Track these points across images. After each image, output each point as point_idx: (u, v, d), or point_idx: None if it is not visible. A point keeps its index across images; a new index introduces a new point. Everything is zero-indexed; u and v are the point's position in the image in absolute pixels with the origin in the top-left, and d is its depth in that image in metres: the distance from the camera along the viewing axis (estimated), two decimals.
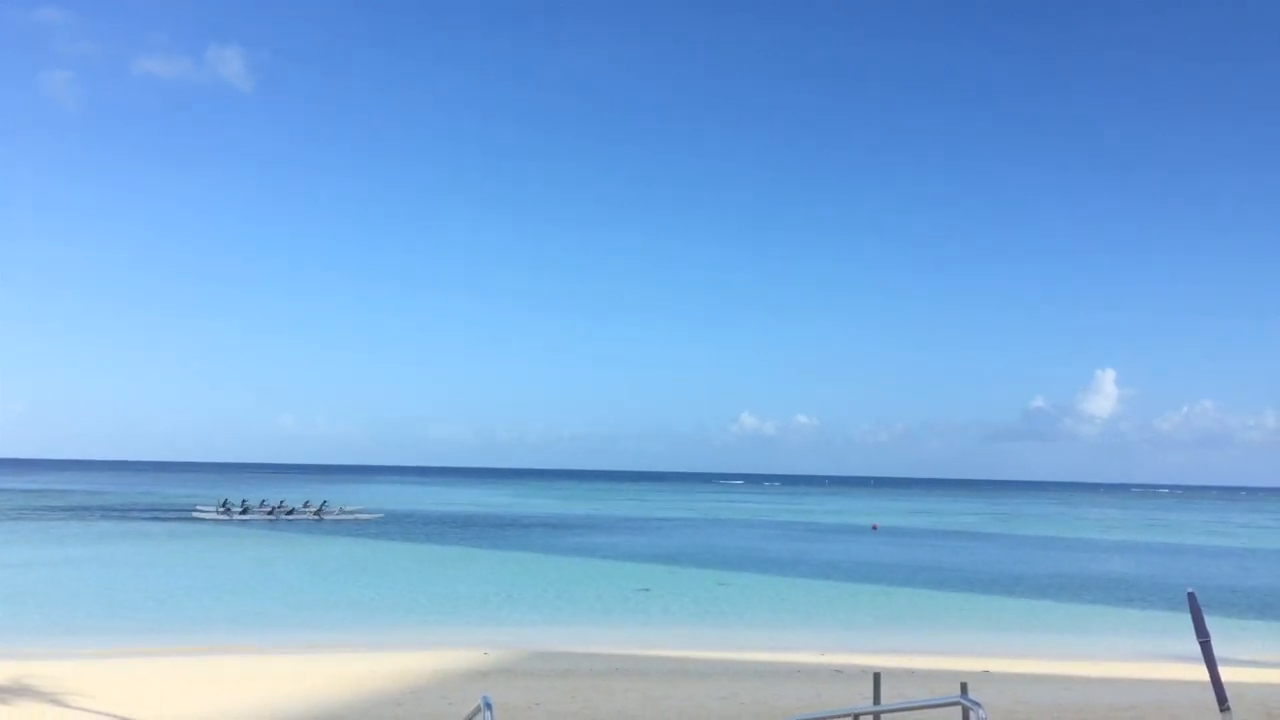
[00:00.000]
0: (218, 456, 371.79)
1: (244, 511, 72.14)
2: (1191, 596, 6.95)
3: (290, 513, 72.26)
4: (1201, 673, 7.08)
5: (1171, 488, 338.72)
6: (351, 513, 75.07)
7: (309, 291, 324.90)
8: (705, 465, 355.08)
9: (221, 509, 73.20)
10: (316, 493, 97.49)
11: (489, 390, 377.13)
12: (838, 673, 20.09)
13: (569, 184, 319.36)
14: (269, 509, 73.02)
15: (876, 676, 11.27)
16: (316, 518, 71.50)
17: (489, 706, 7.19)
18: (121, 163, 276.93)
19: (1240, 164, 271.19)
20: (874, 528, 79.63)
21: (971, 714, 7.31)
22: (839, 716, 11.61)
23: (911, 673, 19.66)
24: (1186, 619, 7.12)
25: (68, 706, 15.44)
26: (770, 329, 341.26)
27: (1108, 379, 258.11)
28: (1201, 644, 6.73)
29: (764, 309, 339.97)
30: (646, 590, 36.24)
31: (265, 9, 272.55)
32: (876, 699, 11.03)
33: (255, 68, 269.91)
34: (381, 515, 76.35)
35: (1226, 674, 7.02)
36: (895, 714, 10.55)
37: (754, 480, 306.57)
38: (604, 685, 18.01)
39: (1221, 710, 6.61)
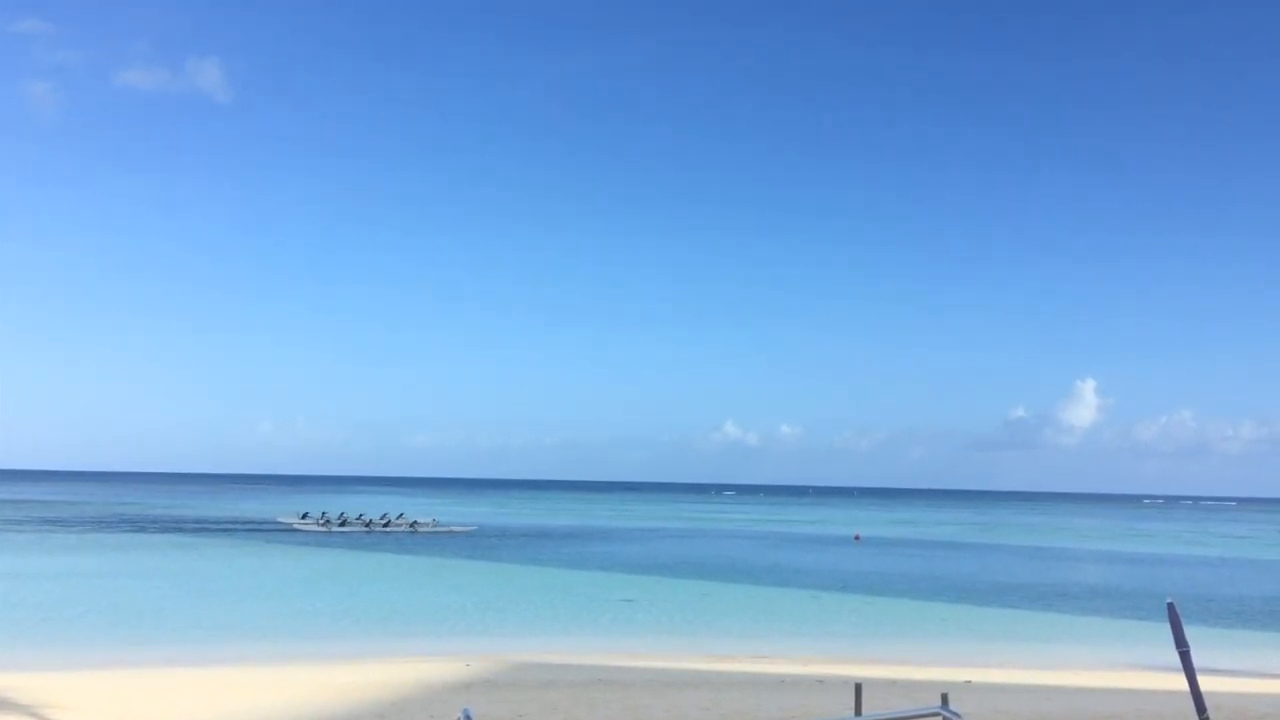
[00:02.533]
0: (195, 466, 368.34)
1: (342, 524, 73.51)
2: (1171, 607, 7.00)
3: (386, 525, 73.46)
4: (1181, 682, 7.13)
5: (1151, 497, 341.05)
6: (445, 526, 76.19)
7: (289, 299, 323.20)
8: (688, 475, 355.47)
9: (320, 522, 74.68)
10: (296, 503, 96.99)
11: (471, 399, 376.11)
12: (820, 683, 20.11)
13: (552, 191, 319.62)
14: (365, 521, 74.33)
15: (858, 687, 11.27)
16: (411, 530, 72.44)
17: (469, 718, 7.17)
18: (100, 171, 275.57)
19: (1223, 172, 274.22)
20: (856, 538, 79.79)
21: None
22: None
23: (894, 683, 19.69)
24: (1166, 629, 7.17)
25: None
26: (754, 338, 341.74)
27: (1088, 389, 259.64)
28: (1181, 654, 6.78)
29: (748, 317, 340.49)
30: (629, 600, 36.19)
31: (245, 22, 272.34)
32: (858, 709, 11.03)
33: (234, 79, 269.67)
34: (474, 528, 77.15)
35: (1205, 683, 7.07)
36: None
37: (736, 490, 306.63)
38: (586, 696, 17.96)
39: None
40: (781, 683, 20.22)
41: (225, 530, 72.51)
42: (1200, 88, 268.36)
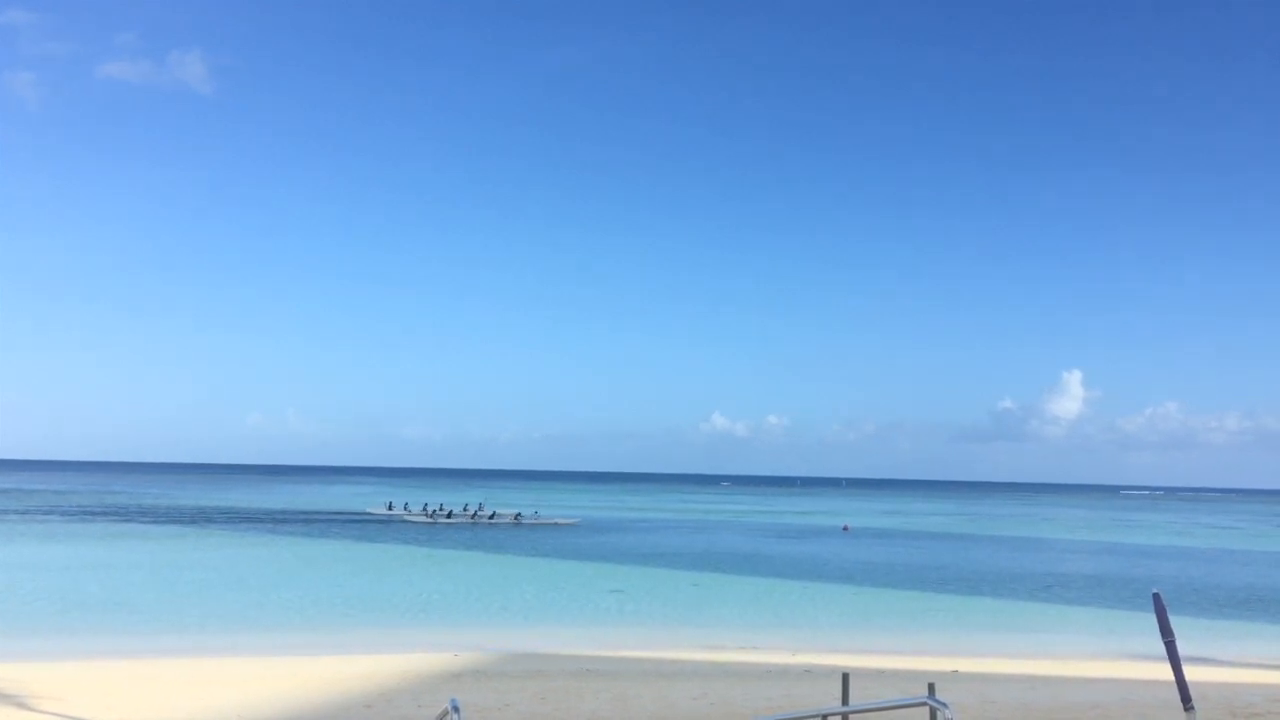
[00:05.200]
0: (183, 457, 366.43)
1: (448, 516, 75.29)
2: (1156, 597, 7.01)
3: (491, 517, 75.37)
4: (1166, 672, 7.15)
5: (1137, 488, 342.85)
6: (550, 519, 77.54)
7: (278, 290, 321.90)
8: (677, 466, 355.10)
9: (427, 514, 76.88)
10: (289, 493, 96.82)
11: (461, 390, 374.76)
12: (808, 673, 20.17)
13: (543, 184, 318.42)
14: (471, 513, 76.33)
15: (845, 677, 11.31)
16: (516, 522, 73.88)
17: (456, 709, 7.17)
18: (84, 162, 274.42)
19: (1207, 167, 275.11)
20: (845, 528, 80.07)
21: (938, 714, 7.35)
22: (808, 717, 11.64)
23: (881, 673, 19.76)
24: (1152, 619, 7.18)
25: (34, 710, 15.23)
26: (741, 329, 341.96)
27: (1074, 380, 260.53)
28: (1166, 643, 6.79)
29: (735, 309, 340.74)
30: (619, 591, 36.22)
31: (228, 15, 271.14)
32: (845, 699, 11.07)
33: (217, 72, 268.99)
34: (578, 520, 78.33)
35: (1190, 673, 7.09)
36: (863, 714, 10.59)
37: (719, 480, 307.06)
38: (575, 686, 17.98)
39: (1186, 709, 6.68)
40: (769, 672, 20.27)
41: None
42: (1184, 84, 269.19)
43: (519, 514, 76.53)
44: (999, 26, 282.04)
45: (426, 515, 76.01)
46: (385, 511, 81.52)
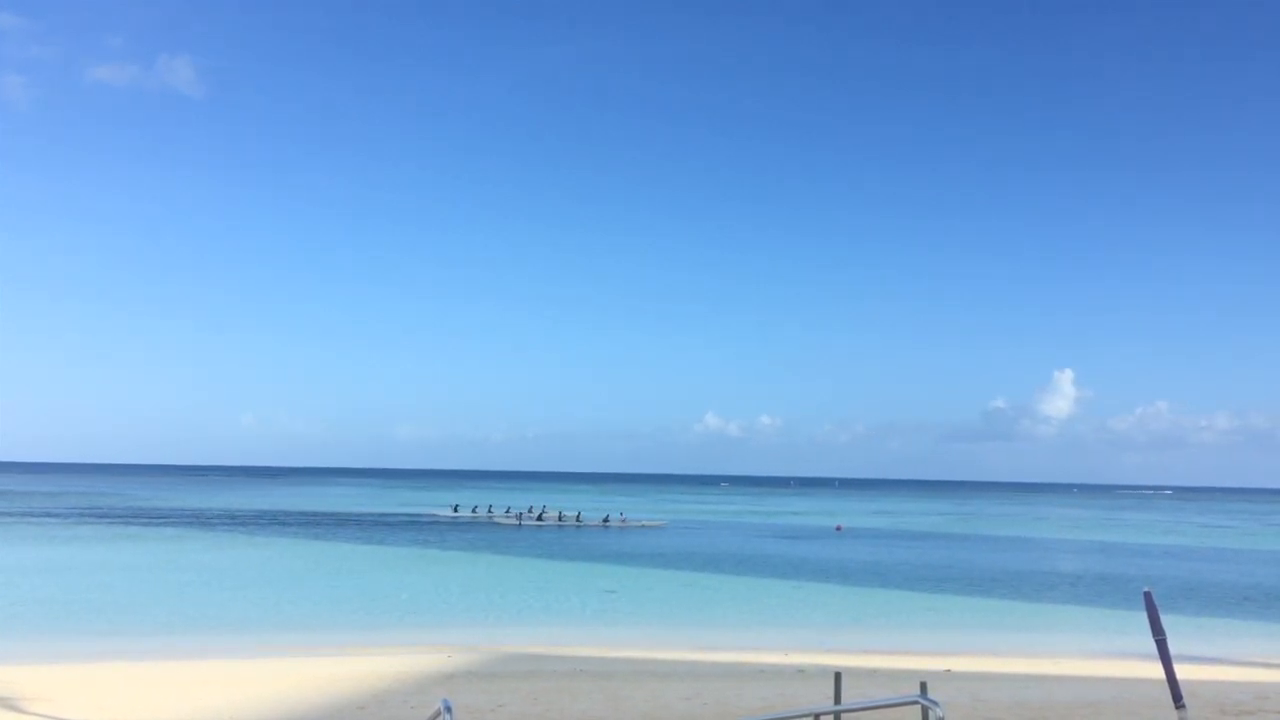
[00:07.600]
0: (174, 459, 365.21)
1: (538, 518, 76.57)
2: (1147, 595, 7.04)
3: (578, 519, 76.33)
4: (1158, 670, 7.17)
5: (1129, 488, 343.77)
6: (637, 521, 78.53)
7: (273, 291, 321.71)
8: (670, 466, 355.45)
9: (513, 515, 78.07)
10: (282, 495, 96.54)
11: (455, 390, 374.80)
12: (801, 672, 20.18)
13: (532, 184, 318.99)
14: (559, 515, 77.02)
15: (838, 676, 11.31)
16: (604, 525, 74.68)
17: (449, 710, 7.15)
18: (75, 164, 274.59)
19: (1196, 167, 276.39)
20: (838, 528, 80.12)
21: (930, 713, 7.35)
22: (801, 716, 11.66)
23: (873, 672, 19.78)
24: (1143, 617, 7.20)
25: (26, 712, 15.19)
26: (734, 329, 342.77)
27: (1066, 380, 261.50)
28: (1157, 642, 6.82)
29: (728, 309, 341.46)
30: (612, 591, 36.20)
31: (216, 18, 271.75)
32: (838, 699, 11.08)
33: (205, 75, 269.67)
34: (666, 523, 79.16)
35: (1181, 671, 7.12)
36: (855, 713, 10.61)
37: (714, 480, 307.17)
38: (568, 686, 17.96)
39: (1177, 708, 6.70)
40: (762, 672, 20.28)
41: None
42: (1184, 84, 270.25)
43: (606, 517, 77.04)
44: (999, 26, 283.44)
45: (514, 518, 76.88)
46: (451, 514, 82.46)
